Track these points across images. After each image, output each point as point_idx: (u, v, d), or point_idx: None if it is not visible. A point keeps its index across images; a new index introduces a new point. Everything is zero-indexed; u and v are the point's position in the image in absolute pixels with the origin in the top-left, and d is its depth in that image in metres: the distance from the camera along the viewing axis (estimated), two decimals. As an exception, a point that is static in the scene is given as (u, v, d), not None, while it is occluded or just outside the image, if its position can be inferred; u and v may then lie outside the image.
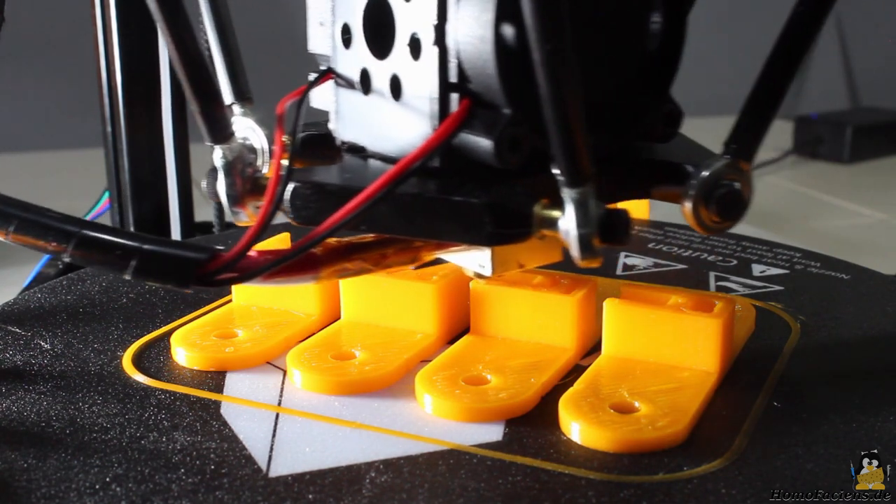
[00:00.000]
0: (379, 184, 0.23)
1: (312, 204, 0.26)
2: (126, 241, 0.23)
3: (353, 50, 0.28)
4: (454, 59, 0.25)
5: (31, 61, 1.03)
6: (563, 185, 0.22)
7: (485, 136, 0.24)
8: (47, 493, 0.23)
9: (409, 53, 0.26)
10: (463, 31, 0.24)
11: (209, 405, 0.28)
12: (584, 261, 0.23)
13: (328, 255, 0.25)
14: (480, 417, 0.27)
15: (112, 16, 0.52)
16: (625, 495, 0.23)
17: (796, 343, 0.32)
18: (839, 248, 0.50)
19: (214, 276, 0.23)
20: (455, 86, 0.25)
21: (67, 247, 0.23)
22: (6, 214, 0.24)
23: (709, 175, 0.25)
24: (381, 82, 0.27)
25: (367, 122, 0.28)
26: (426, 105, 0.25)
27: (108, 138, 0.54)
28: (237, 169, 0.26)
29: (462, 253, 0.27)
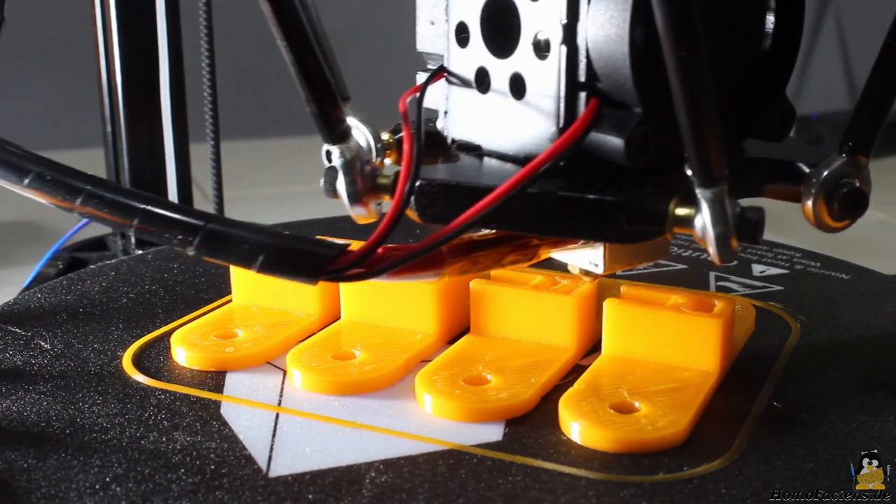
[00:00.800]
0: (512, 182, 0.24)
1: (439, 202, 0.26)
2: (255, 235, 0.23)
3: (469, 49, 0.28)
4: (583, 59, 0.25)
5: (31, 61, 1.03)
6: (697, 185, 0.23)
7: (615, 135, 0.24)
8: (47, 493, 0.23)
9: (533, 52, 0.26)
10: (594, 30, 0.25)
11: (209, 405, 0.28)
12: (722, 259, 0.23)
13: (452, 252, 0.25)
14: (480, 417, 0.27)
15: (112, 16, 0.52)
16: (625, 495, 0.23)
17: (796, 343, 0.32)
18: (839, 248, 0.50)
19: (343, 271, 0.23)
20: (583, 85, 0.25)
21: (194, 240, 0.23)
22: (130, 208, 0.24)
23: (829, 173, 0.25)
24: (501, 81, 0.27)
25: (483, 121, 0.28)
26: (552, 104, 0.26)
27: (108, 138, 0.54)
28: (356, 167, 0.26)
29: (576, 251, 0.28)
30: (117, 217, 0.24)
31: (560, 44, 0.25)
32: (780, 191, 0.26)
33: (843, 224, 0.25)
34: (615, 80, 0.25)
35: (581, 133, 0.25)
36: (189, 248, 0.24)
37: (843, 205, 0.25)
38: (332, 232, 0.35)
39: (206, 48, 0.53)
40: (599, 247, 0.27)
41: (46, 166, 0.25)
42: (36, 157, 0.26)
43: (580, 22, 0.25)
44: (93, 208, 0.24)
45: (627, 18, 0.24)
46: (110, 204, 0.24)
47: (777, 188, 0.26)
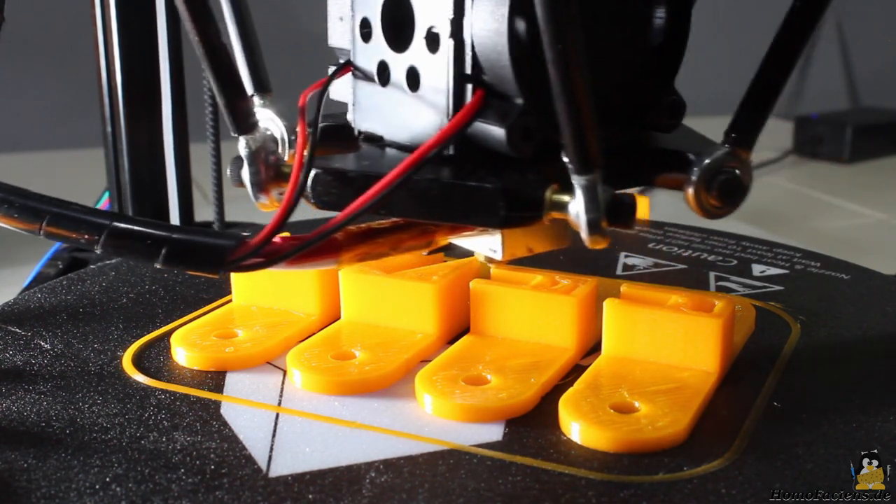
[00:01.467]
0: (398, 170, 0.24)
1: (334, 190, 0.27)
2: (156, 230, 0.24)
3: (371, 43, 0.29)
4: (469, 52, 0.26)
5: (31, 61, 1.03)
6: (572, 172, 0.24)
7: (498, 124, 0.25)
8: (47, 493, 0.23)
9: (426, 46, 0.27)
10: (478, 25, 0.25)
11: (209, 405, 0.28)
12: (593, 242, 0.24)
13: (349, 239, 0.26)
14: (480, 417, 0.27)
15: (112, 16, 0.52)
16: (625, 495, 0.23)
17: (796, 343, 0.32)
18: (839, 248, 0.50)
19: (242, 261, 0.24)
20: (470, 77, 0.26)
21: (99, 238, 0.24)
22: (38, 210, 0.25)
23: (710, 162, 0.26)
24: (399, 74, 0.28)
25: (384, 113, 0.29)
26: (442, 96, 0.26)
27: (108, 138, 0.54)
28: (261, 157, 0.27)
29: (474, 238, 0.28)
30: (25, 222, 0.25)
31: (448, 37, 0.26)
32: (670, 180, 0.27)
33: (723, 211, 0.26)
34: (498, 73, 0.25)
35: (465, 122, 0.26)
36: (96, 247, 0.24)
37: (722, 192, 0.26)
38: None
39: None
40: (496, 233, 0.28)
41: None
42: None
43: (466, 16, 0.26)
44: (1, 214, 0.25)
45: (505, 13, 0.25)
46: (19, 208, 0.25)
47: (667, 177, 0.27)
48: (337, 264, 0.26)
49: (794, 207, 0.83)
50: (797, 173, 0.97)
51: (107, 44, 0.52)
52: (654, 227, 0.45)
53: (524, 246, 0.28)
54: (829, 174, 0.97)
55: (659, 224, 0.45)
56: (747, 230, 0.46)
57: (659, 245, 0.42)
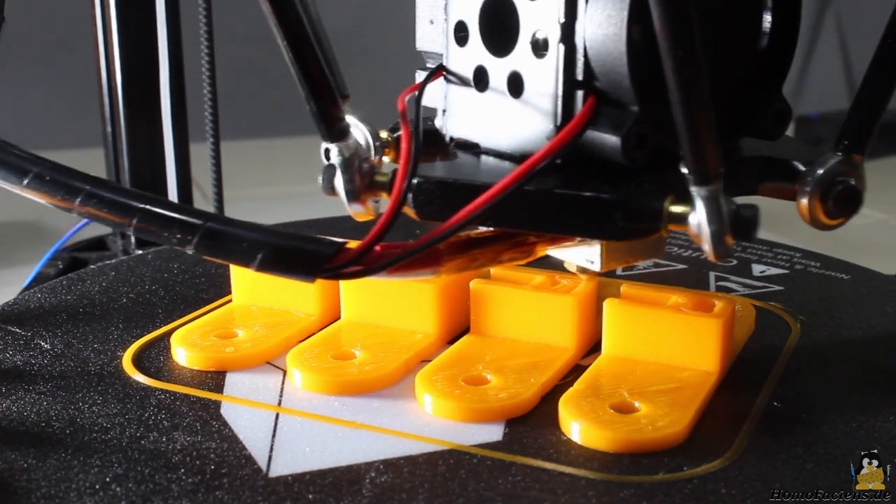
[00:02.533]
0: (508, 180, 0.24)
1: (437, 199, 0.26)
2: (253, 234, 0.24)
3: (468, 47, 0.28)
4: (581, 57, 0.25)
5: (31, 61, 1.03)
6: (692, 182, 0.23)
7: (612, 133, 0.25)
8: (47, 493, 0.23)
9: (531, 51, 0.26)
10: (592, 29, 0.25)
11: (209, 405, 0.28)
12: (717, 256, 0.23)
13: (449, 250, 0.25)
14: (480, 417, 0.27)
15: (112, 16, 0.52)
16: (625, 495, 0.23)
17: (796, 343, 0.32)
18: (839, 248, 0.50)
19: (341, 269, 0.24)
20: (580, 83, 0.25)
21: (193, 239, 0.24)
22: (129, 207, 0.24)
23: (825, 172, 0.25)
24: (499, 80, 0.27)
25: (481, 119, 0.28)
26: (549, 102, 0.26)
27: (108, 138, 0.54)
28: (355, 165, 0.26)
29: (572, 248, 0.28)
30: (116, 216, 0.24)
31: (558, 42, 0.25)
32: (775, 189, 0.27)
33: (837, 222, 0.26)
34: (612, 79, 0.25)
35: (578, 131, 0.25)
36: (188, 247, 0.24)
37: (838, 203, 0.25)
38: (333, 231, 0.35)
39: (206, 48, 0.53)
40: (596, 244, 0.27)
41: (46, 166, 0.25)
42: (35, 158, 0.26)
43: (578, 21, 0.25)
44: (92, 208, 0.24)
45: (625, 17, 0.24)
46: (109, 203, 0.24)
47: (772, 186, 0.27)
48: (436, 275, 0.26)
49: (794, 207, 0.83)
50: (797, 173, 0.97)
51: (107, 44, 0.53)
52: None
53: (623, 256, 0.27)
54: (829, 174, 0.96)
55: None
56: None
57: (659, 245, 0.42)
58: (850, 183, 0.25)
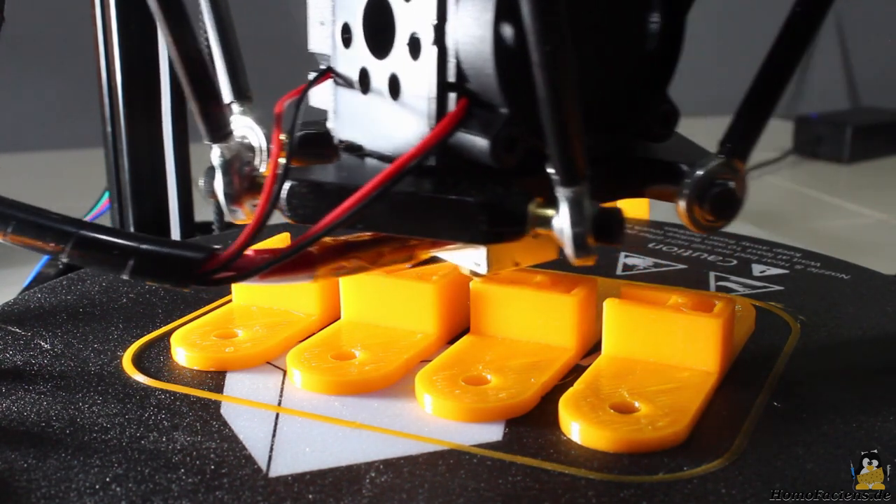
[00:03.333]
0: (375, 182, 0.23)
1: (309, 203, 0.26)
2: (123, 240, 0.23)
3: (352, 49, 0.28)
4: (453, 59, 0.25)
5: (31, 61, 1.03)
6: (557, 184, 0.23)
7: (481, 135, 0.24)
8: (47, 493, 0.23)
9: (408, 53, 0.26)
10: (462, 31, 0.25)
11: (209, 405, 0.28)
12: (578, 259, 0.23)
13: (324, 253, 0.25)
14: (480, 417, 0.27)
15: (112, 16, 0.52)
16: (625, 495, 0.23)
17: (796, 343, 0.32)
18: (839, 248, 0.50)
19: (212, 275, 0.23)
20: (453, 85, 0.25)
21: (65, 247, 0.24)
22: (3, 215, 0.24)
23: (703, 174, 0.25)
24: (380, 81, 0.27)
25: (365, 121, 0.28)
26: (424, 104, 0.26)
27: (108, 138, 0.54)
28: (235, 167, 0.26)
29: (458, 251, 0.27)
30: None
31: (431, 44, 0.25)
32: (660, 191, 0.26)
33: (717, 224, 0.25)
34: (482, 81, 0.25)
35: (446, 133, 0.25)
36: (62, 255, 0.24)
37: (715, 205, 0.25)
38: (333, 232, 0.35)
39: (206, 48, 0.53)
40: (481, 247, 0.27)
41: None
42: None
43: (449, 22, 0.25)
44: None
45: (490, 19, 0.24)
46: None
47: (658, 189, 0.26)
48: (312, 279, 0.25)
49: (793, 207, 0.83)
50: (797, 173, 0.97)
51: (107, 44, 0.52)
52: (654, 227, 0.45)
53: (510, 259, 0.27)
54: (828, 174, 0.97)
55: (659, 224, 0.45)
56: (747, 230, 0.46)
57: (659, 245, 0.42)
58: (729, 186, 0.25)
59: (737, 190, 0.25)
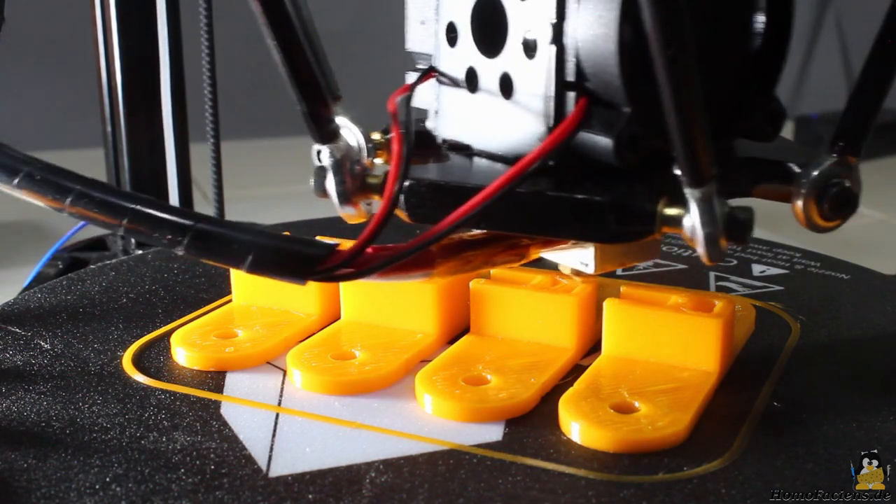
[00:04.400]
0: (501, 182, 0.23)
1: (429, 202, 0.26)
2: (243, 235, 0.23)
3: (458, 48, 0.28)
4: (572, 58, 0.25)
5: (31, 61, 1.03)
6: (685, 184, 0.23)
7: (604, 134, 0.24)
8: (47, 493, 0.23)
9: (522, 52, 0.26)
10: (583, 30, 0.24)
11: (209, 405, 0.28)
12: (711, 259, 0.23)
13: (442, 252, 0.25)
14: (480, 417, 0.27)
15: (112, 16, 0.52)
16: (625, 495, 0.23)
17: (796, 343, 0.32)
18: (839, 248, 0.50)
19: (333, 271, 0.23)
20: (572, 84, 0.25)
21: (183, 240, 0.23)
22: (119, 207, 0.24)
23: (819, 173, 0.25)
24: (490, 80, 0.27)
25: (472, 120, 0.28)
26: (540, 104, 0.26)
27: (108, 138, 0.54)
28: (346, 167, 0.26)
29: (566, 251, 0.28)
30: (106, 217, 0.24)
31: (549, 43, 0.25)
32: (770, 191, 0.26)
33: (833, 224, 0.25)
34: (603, 80, 0.25)
35: (570, 133, 0.25)
36: (178, 248, 0.23)
37: (833, 205, 0.25)
38: (332, 232, 0.35)
39: (206, 48, 0.53)
40: (590, 246, 0.27)
41: (36, 166, 0.25)
42: (27, 157, 0.25)
43: (568, 21, 0.25)
44: (82, 208, 0.24)
45: (616, 17, 0.24)
46: (100, 204, 0.24)
47: (767, 188, 0.26)
48: (428, 277, 0.25)
49: (793, 207, 0.83)
50: (797, 173, 0.97)
51: (107, 44, 0.53)
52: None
53: (618, 259, 0.27)
54: (829, 174, 0.96)
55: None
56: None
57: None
58: (846, 185, 0.25)
59: (853, 187, 0.25)
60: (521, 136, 0.26)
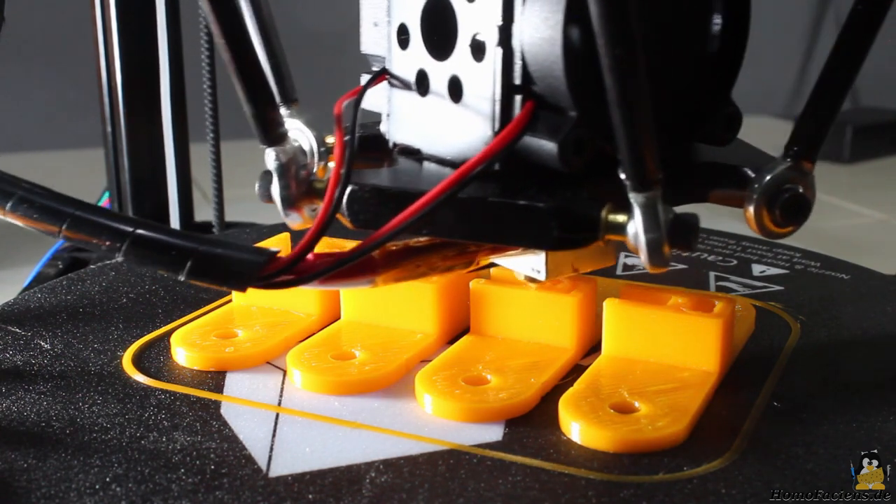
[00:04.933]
0: (442, 187, 0.23)
1: (371, 207, 0.25)
2: (182, 241, 0.23)
3: (409, 51, 0.28)
4: (519, 61, 0.25)
5: (31, 61, 1.03)
6: (629, 189, 0.22)
7: (549, 138, 0.24)
8: (47, 493, 0.23)
9: (470, 54, 0.25)
10: (529, 33, 0.24)
11: (209, 405, 0.28)
12: (653, 267, 0.23)
13: (385, 259, 0.25)
14: (480, 417, 0.27)
15: (112, 16, 0.52)
16: (625, 495, 0.23)
17: (796, 343, 0.32)
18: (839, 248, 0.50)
19: (273, 278, 0.23)
20: (518, 87, 0.25)
21: (121, 246, 0.23)
22: (60, 212, 0.24)
23: (771, 178, 0.24)
24: (440, 83, 0.27)
25: (422, 124, 0.28)
26: (488, 107, 0.25)
27: (108, 138, 0.54)
28: (291, 171, 0.26)
29: (517, 257, 0.27)
30: (45, 223, 0.24)
31: (495, 46, 0.25)
32: (725, 196, 0.26)
33: (786, 230, 0.25)
34: (550, 83, 0.24)
35: (514, 137, 0.24)
36: (117, 255, 0.23)
37: (785, 211, 0.25)
38: (331, 233, 0.35)
39: (206, 48, 0.53)
40: (541, 253, 0.27)
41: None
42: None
43: (515, 24, 0.24)
44: (21, 214, 0.24)
45: (561, 20, 0.23)
46: (39, 209, 0.24)
47: (722, 193, 0.26)
48: (372, 284, 0.25)
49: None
50: (797, 173, 0.97)
51: (107, 44, 0.53)
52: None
53: (569, 265, 0.27)
54: (829, 174, 0.97)
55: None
56: (747, 230, 0.46)
57: (659, 245, 0.42)
58: (799, 190, 0.24)
59: (806, 193, 0.24)
60: (469, 141, 0.26)
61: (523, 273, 0.28)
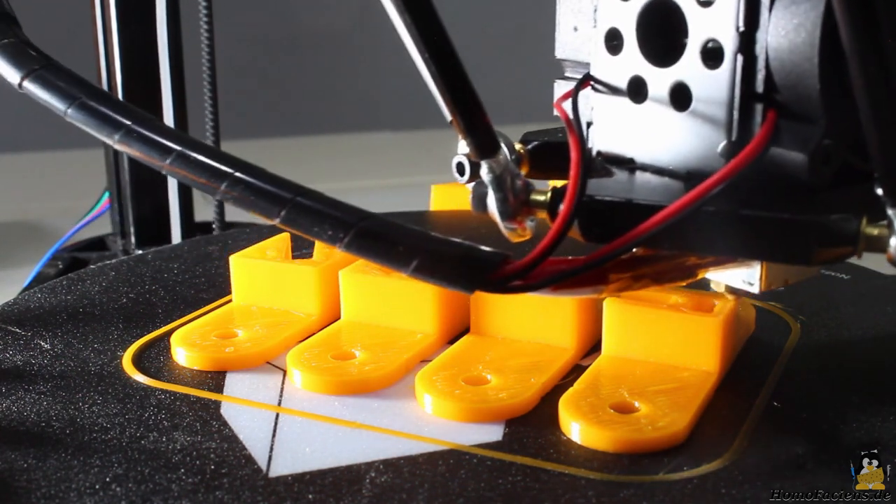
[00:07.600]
0: (688, 199, 0.22)
1: (604, 219, 0.25)
2: (411, 237, 0.23)
3: (621, 56, 0.26)
4: (762, 69, 0.24)
5: (31, 61, 1.03)
6: (888, 205, 0.21)
7: (796, 149, 0.23)
8: (47, 493, 0.23)
9: (701, 61, 0.25)
10: (776, 39, 0.23)
11: (209, 405, 0.28)
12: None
13: (615, 269, 0.24)
14: (480, 417, 0.27)
15: (112, 16, 0.52)
16: (625, 495, 0.23)
17: (796, 343, 0.32)
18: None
19: (504, 282, 0.22)
20: (760, 96, 0.24)
21: (345, 237, 0.23)
22: (281, 199, 0.23)
23: None
24: (660, 91, 0.26)
25: (636, 132, 0.27)
26: (722, 115, 0.24)
27: (109, 138, 0.54)
28: (507, 183, 0.25)
29: (729, 269, 0.26)
30: (262, 207, 0.23)
31: (735, 52, 0.24)
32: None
33: None
34: (798, 92, 0.23)
35: (763, 148, 0.23)
36: (339, 245, 0.23)
37: None
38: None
39: (206, 48, 0.53)
40: (756, 265, 0.26)
41: (189, 145, 0.25)
42: (177, 134, 0.25)
43: (760, 30, 0.23)
44: (239, 193, 0.24)
45: (819, 26, 0.22)
46: (256, 192, 0.23)
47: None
48: (598, 294, 0.24)
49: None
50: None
51: (107, 44, 0.53)
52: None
53: (783, 277, 0.26)
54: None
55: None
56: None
57: (659, 245, 0.42)
58: None
59: None
60: (697, 150, 0.25)
61: (733, 285, 0.27)
